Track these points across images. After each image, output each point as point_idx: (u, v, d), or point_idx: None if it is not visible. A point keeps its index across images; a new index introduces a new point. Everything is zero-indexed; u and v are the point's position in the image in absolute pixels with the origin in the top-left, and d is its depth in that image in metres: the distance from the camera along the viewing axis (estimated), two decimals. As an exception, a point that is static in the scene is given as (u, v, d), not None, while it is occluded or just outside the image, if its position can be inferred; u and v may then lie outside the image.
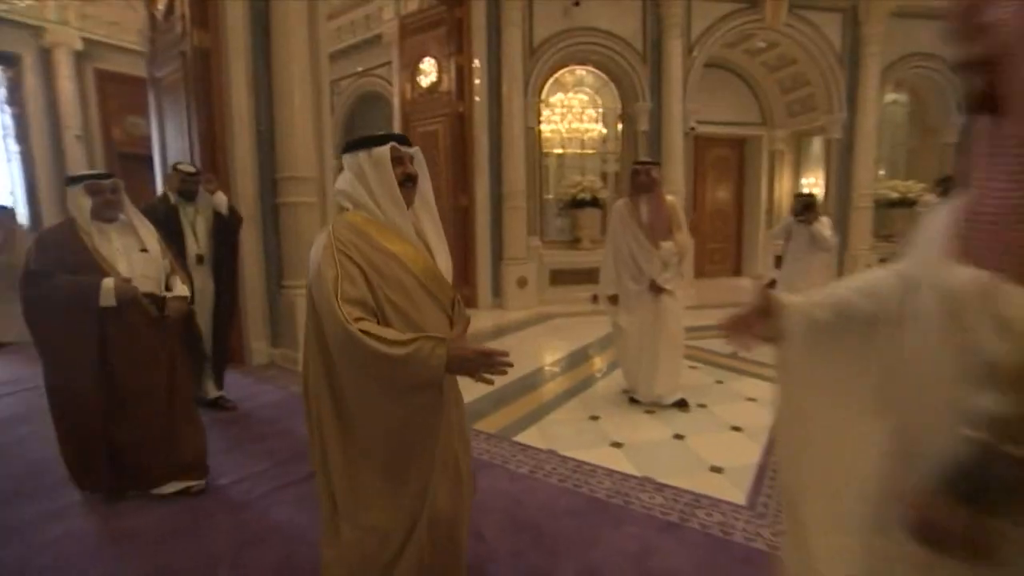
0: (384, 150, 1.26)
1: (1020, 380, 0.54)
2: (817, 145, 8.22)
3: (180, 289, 2.23)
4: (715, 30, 7.04)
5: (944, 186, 7.28)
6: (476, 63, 6.23)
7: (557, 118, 7.33)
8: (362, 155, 1.27)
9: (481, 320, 5.82)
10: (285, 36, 4.03)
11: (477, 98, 6.31)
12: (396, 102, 7.99)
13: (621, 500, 2.12)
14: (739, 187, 9.23)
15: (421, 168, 1.34)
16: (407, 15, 7.11)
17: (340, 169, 1.36)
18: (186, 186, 3.13)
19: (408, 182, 1.29)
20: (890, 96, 8.16)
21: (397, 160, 1.27)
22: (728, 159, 9.22)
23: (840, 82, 7.52)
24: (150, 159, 5.06)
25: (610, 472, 2.36)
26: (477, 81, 6.30)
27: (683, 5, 6.71)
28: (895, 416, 0.73)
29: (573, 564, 1.73)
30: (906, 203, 7.93)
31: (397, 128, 7.90)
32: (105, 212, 2.10)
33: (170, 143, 4.64)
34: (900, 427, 0.72)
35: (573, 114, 7.34)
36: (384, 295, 1.19)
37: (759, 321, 0.93)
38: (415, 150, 1.33)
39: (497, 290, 6.56)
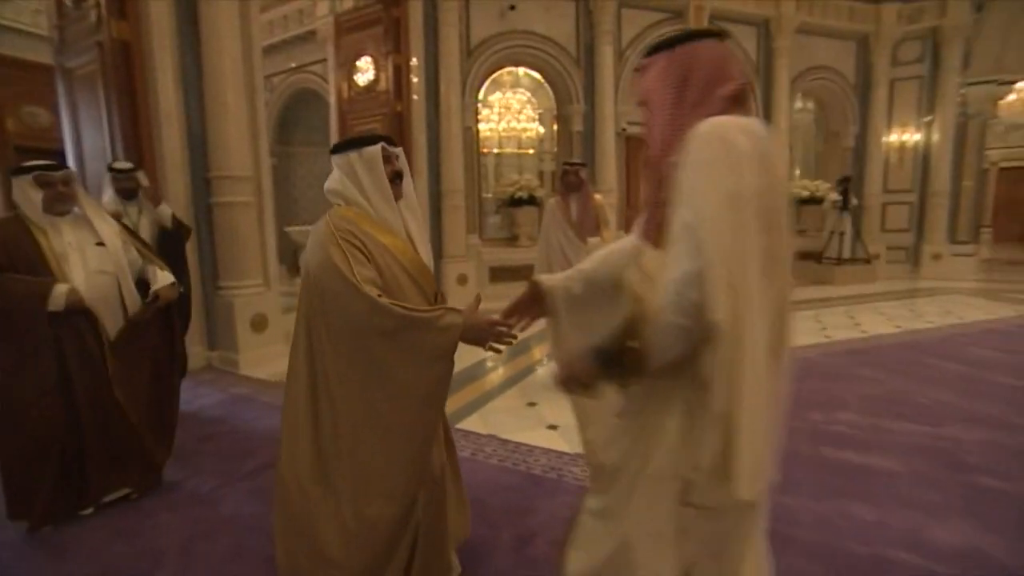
0: (375, 149, 1.35)
1: (639, 302, 0.94)
2: (737, 147, 8.84)
3: (163, 277, 2.14)
4: (644, 37, 7.43)
5: (843, 185, 8.15)
6: (414, 62, 6.27)
7: (496, 117, 7.49)
8: (353, 155, 1.36)
9: None
10: (215, 30, 3.92)
11: (415, 97, 6.35)
12: (333, 100, 7.87)
13: (555, 475, 2.31)
14: (669, 185, 9.78)
15: (405, 167, 1.44)
16: (343, 13, 7.01)
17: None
18: (122, 184, 3.02)
19: (396, 179, 1.40)
20: (799, 104, 8.93)
21: (386, 159, 1.37)
22: (659, 159, 9.73)
23: (756, 89, 8.15)
24: (55, 153, 4.73)
25: (546, 451, 2.55)
26: (415, 79, 6.33)
27: (614, 13, 7.04)
28: None
29: (512, 531, 1.89)
30: (815, 200, 8.72)
31: (334, 127, 7.79)
32: (57, 206, 1.98)
33: (85, 138, 4.38)
34: None
35: (511, 113, 7.52)
36: (381, 284, 1.28)
37: (533, 304, 1.22)
38: (399, 150, 1.44)
39: (437, 286, 6.64)
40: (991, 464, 2.39)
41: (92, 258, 2.01)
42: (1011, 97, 9.65)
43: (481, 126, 7.23)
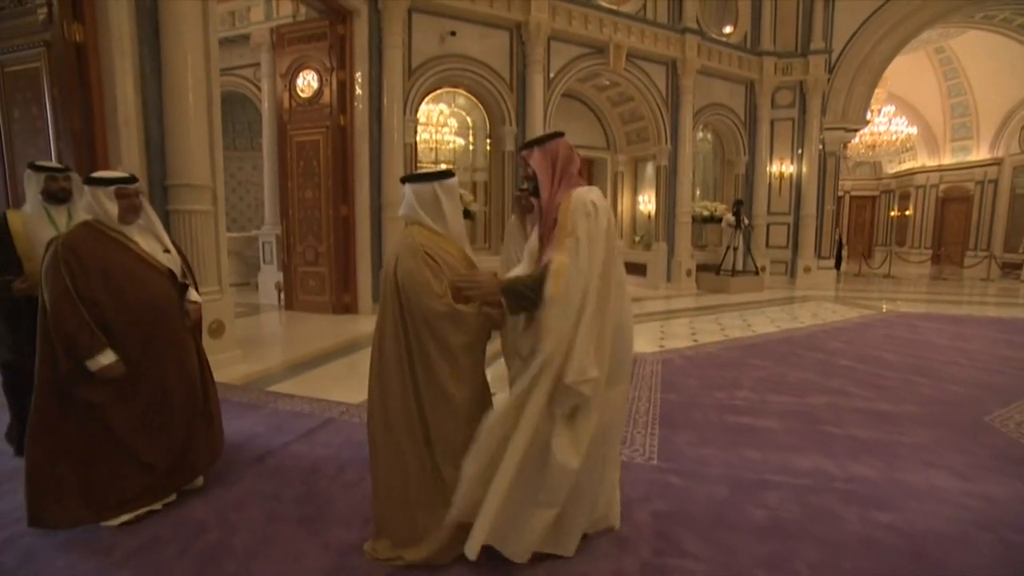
0: (454, 181, 1.82)
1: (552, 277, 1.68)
2: (650, 169, 9.97)
3: (193, 295, 2.28)
4: (570, 68, 8.26)
5: (737, 207, 9.51)
6: (359, 78, 6.53)
7: (419, 129, 7.88)
8: (436, 185, 1.78)
9: (363, 324, 6.12)
10: (178, 35, 3.98)
11: (359, 111, 6.60)
12: (266, 107, 7.87)
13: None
14: (590, 202, 10.71)
15: None
16: (284, 24, 7.09)
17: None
18: (54, 186, 2.70)
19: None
20: (700, 134, 10.26)
21: None
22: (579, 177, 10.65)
23: (666, 119, 9.29)
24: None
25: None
26: (359, 93, 6.58)
27: (544, 45, 7.77)
28: None
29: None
30: (714, 219, 10.04)
31: (269, 133, 7.79)
32: (130, 216, 2.09)
33: (17, 141, 4.21)
34: None
35: (434, 126, 7.92)
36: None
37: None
38: None
39: (377, 296, 6.87)
40: (833, 418, 3.25)
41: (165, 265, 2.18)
42: (855, 140, 11.74)
43: (419, 137, 7.58)
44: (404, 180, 1.84)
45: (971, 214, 14.45)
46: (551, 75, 8.08)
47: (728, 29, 9.85)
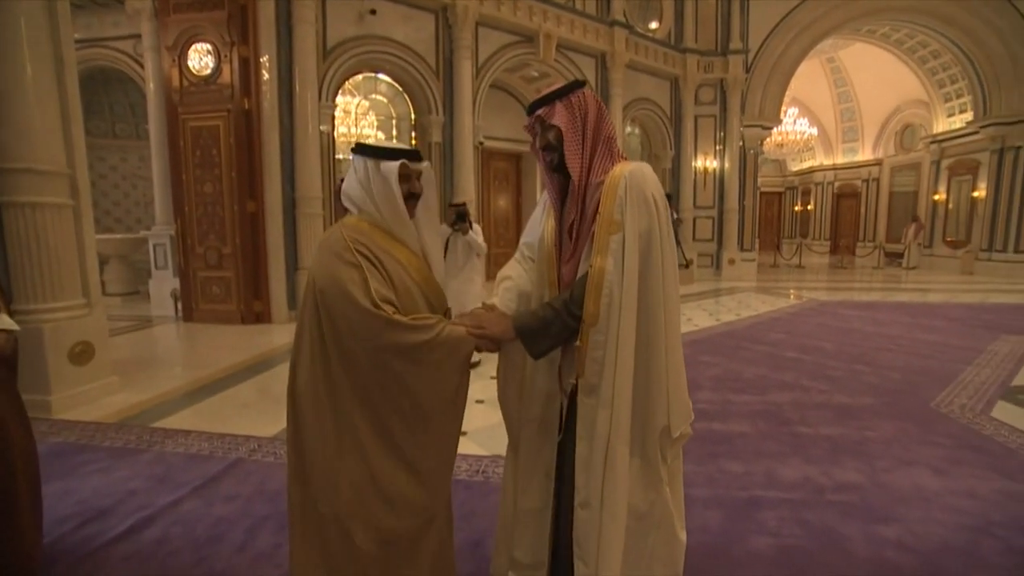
0: (392, 166, 1.23)
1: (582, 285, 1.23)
2: (580, 164, 9.83)
3: (6, 321, 1.62)
4: (499, 56, 7.87)
5: (667, 200, 9.62)
6: (265, 57, 5.72)
7: (352, 120, 7.20)
8: (370, 164, 1.23)
9: (277, 335, 5.38)
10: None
11: (266, 94, 5.80)
12: (152, 87, 6.77)
13: (482, 476, 2.37)
14: (517, 196, 10.44)
15: (429, 185, 1.34)
16: (169, -13, 6.06)
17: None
18: None
19: (412, 199, 1.29)
20: (628, 129, 10.30)
21: (404, 177, 1.26)
22: (508, 171, 10.34)
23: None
24: None
25: (464, 456, 2.58)
26: (266, 76, 5.78)
27: (471, 30, 7.31)
28: None
29: (462, 535, 1.89)
30: (642, 214, 10.12)
31: (156, 117, 6.70)
32: None
33: None
34: None
35: (353, 119, 7.28)
36: (396, 302, 1.18)
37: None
38: (424, 166, 1.32)
39: (293, 303, 6.11)
40: (799, 417, 3.12)
41: None
42: (768, 139, 12.45)
43: (339, 130, 6.87)
44: (353, 151, 1.30)
45: (860, 209, 15.92)
46: (479, 63, 7.65)
47: (654, 25, 9.95)
